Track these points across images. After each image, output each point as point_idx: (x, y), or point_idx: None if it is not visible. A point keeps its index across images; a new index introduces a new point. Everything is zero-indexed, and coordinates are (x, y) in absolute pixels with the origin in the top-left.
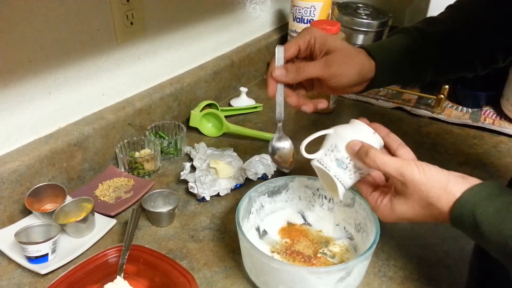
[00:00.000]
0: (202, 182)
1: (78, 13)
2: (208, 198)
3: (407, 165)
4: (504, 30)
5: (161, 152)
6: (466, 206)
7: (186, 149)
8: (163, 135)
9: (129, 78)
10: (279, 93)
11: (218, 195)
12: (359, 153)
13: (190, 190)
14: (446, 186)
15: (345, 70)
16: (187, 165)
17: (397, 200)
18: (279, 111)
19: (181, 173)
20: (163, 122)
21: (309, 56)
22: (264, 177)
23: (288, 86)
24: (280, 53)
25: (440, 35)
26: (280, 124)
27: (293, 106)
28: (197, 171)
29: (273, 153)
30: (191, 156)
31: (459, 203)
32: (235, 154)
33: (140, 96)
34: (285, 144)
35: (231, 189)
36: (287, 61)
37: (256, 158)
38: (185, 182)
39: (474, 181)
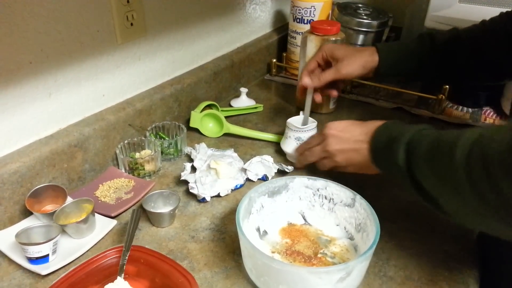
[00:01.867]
0: (203, 183)
1: (78, 15)
2: (208, 199)
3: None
4: None
5: (162, 153)
6: (384, 125)
7: (187, 149)
8: (164, 136)
9: (129, 79)
10: (308, 96)
11: (218, 195)
12: None
13: (190, 190)
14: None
15: (351, 69)
16: (188, 165)
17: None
18: (307, 110)
19: (182, 173)
20: (164, 123)
21: (327, 64)
22: (264, 178)
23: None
24: (308, 106)
25: (446, 44)
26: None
27: (318, 101)
28: (197, 172)
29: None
30: (192, 157)
31: (382, 124)
32: (235, 154)
33: (141, 97)
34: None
35: (231, 189)
36: (312, 71)
37: (257, 159)
38: (186, 182)
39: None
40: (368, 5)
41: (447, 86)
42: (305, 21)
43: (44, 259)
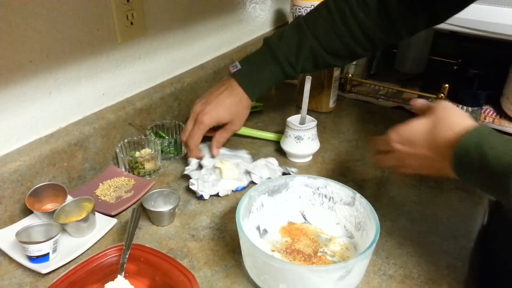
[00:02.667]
0: (205, 181)
1: (78, 14)
2: (206, 197)
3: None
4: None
5: (162, 151)
6: (473, 138)
7: (199, 146)
8: (163, 135)
9: (129, 78)
10: (305, 95)
11: (217, 195)
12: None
13: (190, 186)
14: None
15: (240, 123)
16: (193, 161)
17: (415, 119)
18: (304, 109)
19: (186, 167)
20: (164, 122)
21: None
22: None
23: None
24: (305, 104)
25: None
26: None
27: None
28: (203, 169)
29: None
30: (202, 153)
31: (467, 135)
32: (248, 156)
33: (141, 96)
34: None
35: (232, 190)
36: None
37: (261, 161)
38: (186, 179)
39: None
40: None
41: (447, 85)
42: None
43: (44, 257)
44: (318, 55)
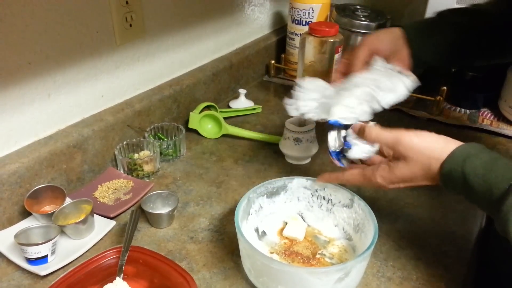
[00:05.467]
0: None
1: (77, 16)
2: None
3: (403, 133)
4: None
5: (160, 153)
6: (456, 160)
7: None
8: (162, 137)
9: (128, 80)
10: None
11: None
12: (358, 132)
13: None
14: (444, 148)
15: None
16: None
17: (396, 164)
18: None
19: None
20: (163, 124)
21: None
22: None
23: None
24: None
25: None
26: None
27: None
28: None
29: None
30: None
31: (450, 158)
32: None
33: (139, 98)
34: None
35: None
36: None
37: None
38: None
39: (460, 142)
40: (366, 6)
41: (445, 88)
42: (304, 23)
43: (43, 259)
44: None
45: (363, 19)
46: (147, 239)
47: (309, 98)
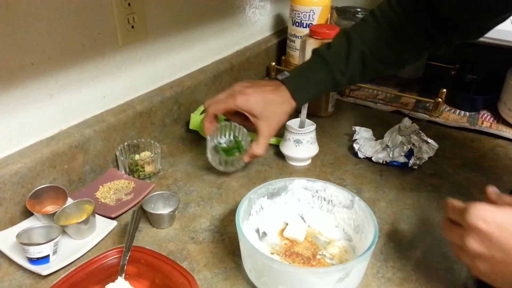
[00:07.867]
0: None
1: (80, 17)
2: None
3: None
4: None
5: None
6: None
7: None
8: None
9: (130, 81)
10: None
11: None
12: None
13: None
14: None
15: (269, 125)
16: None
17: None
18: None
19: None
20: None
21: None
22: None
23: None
24: (305, 108)
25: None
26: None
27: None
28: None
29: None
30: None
31: None
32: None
33: (141, 99)
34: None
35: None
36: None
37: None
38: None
39: None
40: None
41: (445, 90)
42: (304, 25)
43: (44, 259)
44: (367, 60)
45: None
46: (148, 239)
47: None
